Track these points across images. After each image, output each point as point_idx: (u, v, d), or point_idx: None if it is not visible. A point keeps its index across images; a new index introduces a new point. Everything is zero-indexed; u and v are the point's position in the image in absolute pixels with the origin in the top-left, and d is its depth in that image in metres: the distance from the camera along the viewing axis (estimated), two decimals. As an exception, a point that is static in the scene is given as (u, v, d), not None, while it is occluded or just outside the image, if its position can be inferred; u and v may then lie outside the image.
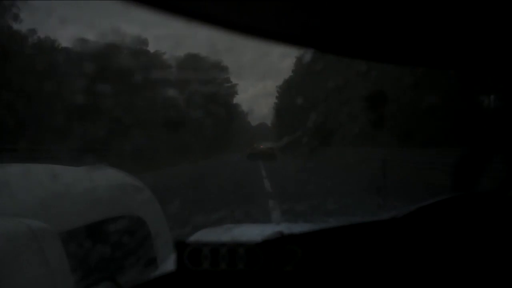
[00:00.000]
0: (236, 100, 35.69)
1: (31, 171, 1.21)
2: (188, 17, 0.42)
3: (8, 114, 12.86)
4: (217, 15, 0.42)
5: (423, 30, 0.48)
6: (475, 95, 11.45)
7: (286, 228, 0.87)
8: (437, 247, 0.69)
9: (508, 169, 0.89)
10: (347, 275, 0.65)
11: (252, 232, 1.31)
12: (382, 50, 0.55)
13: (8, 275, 0.74)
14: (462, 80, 11.38)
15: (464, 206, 0.78)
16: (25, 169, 1.24)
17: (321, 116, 20.68)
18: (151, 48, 26.32)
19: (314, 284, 0.63)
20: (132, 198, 1.37)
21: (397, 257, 0.68)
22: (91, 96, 15.22)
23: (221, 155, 24.45)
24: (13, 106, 13.34)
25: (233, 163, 18.28)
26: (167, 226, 1.49)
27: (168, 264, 0.94)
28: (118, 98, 18.26)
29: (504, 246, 0.69)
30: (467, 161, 0.93)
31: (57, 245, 0.86)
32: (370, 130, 15.40)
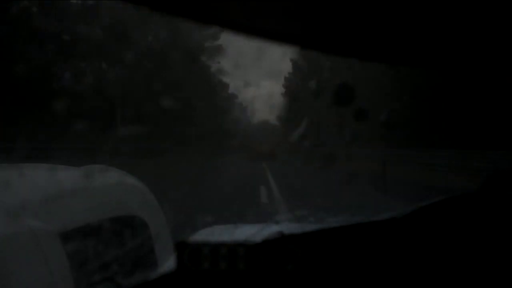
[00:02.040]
0: (237, 100, 35.65)
1: (31, 171, 1.21)
2: (188, 17, 0.42)
3: (8, 113, 12.84)
4: (217, 15, 0.42)
5: (425, 30, 0.48)
6: (474, 96, 11.46)
7: (286, 228, 0.87)
8: (437, 247, 0.69)
9: (508, 168, 0.89)
10: (347, 275, 0.65)
11: (252, 232, 1.31)
12: (383, 50, 0.55)
13: (8, 275, 0.74)
14: (462, 81, 11.40)
15: (464, 206, 0.78)
16: (25, 169, 1.24)
17: (322, 117, 20.71)
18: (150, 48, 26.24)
19: (314, 284, 0.63)
20: (132, 198, 1.36)
21: (397, 257, 0.68)
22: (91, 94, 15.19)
23: (217, 156, 23.29)
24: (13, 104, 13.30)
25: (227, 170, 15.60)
26: (167, 226, 1.49)
27: (168, 264, 0.94)
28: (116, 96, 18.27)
29: (504, 247, 0.69)
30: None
31: (57, 245, 0.86)
32: (370, 130, 15.40)
